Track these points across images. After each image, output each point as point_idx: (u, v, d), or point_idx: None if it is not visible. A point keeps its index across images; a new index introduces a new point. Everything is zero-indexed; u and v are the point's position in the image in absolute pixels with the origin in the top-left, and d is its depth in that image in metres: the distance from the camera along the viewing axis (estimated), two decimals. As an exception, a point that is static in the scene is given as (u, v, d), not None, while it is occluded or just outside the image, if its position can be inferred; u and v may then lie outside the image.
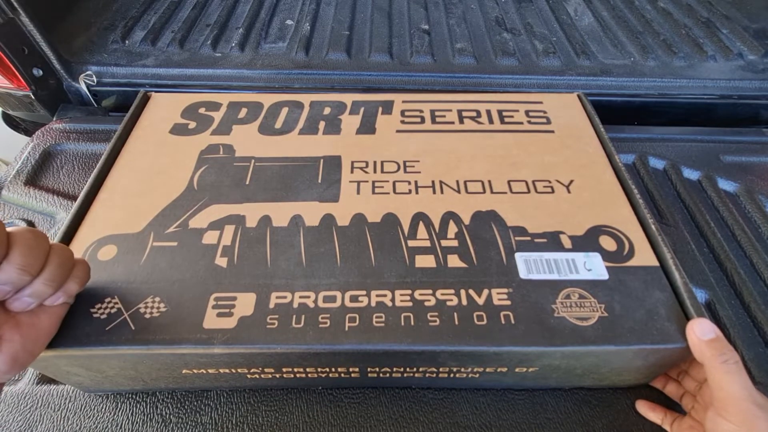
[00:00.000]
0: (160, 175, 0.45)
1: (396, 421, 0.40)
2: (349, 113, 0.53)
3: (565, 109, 0.53)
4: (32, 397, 0.40)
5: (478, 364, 0.36)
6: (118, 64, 0.69)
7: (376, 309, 0.35)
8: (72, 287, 0.30)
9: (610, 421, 0.40)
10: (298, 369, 0.36)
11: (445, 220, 0.41)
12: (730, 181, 0.59)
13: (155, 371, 0.36)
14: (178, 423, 0.39)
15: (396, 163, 0.46)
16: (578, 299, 0.35)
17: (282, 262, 0.37)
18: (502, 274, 0.37)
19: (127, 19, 0.77)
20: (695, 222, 0.55)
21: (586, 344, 0.33)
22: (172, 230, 0.40)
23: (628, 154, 0.62)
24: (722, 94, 0.71)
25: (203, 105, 0.53)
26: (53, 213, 0.55)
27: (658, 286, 0.36)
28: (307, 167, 0.46)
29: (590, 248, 0.39)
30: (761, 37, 0.78)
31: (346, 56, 0.73)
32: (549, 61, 0.74)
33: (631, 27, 0.82)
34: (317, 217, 0.41)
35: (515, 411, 0.40)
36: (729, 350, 0.31)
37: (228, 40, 0.75)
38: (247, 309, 0.34)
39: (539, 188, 0.44)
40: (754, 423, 0.29)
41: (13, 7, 0.61)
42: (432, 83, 0.71)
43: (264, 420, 0.39)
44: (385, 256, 0.38)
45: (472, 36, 0.79)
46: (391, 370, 0.37)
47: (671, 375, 0.40)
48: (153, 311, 0.34)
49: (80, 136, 0.62)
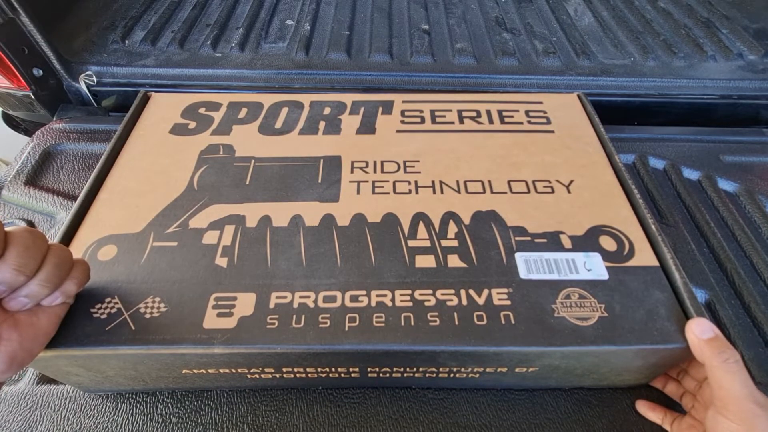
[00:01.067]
0: (160, 175, 0.45)
1: (396, 421, 0.40)
2: (349, 113, 0.53)
3: (565, 109, 0.53)
4: (32, 397, 0.40)
5: (478, 364, 0.36)
6: (118, 64, 0.69)
7: (376, 309, 0.35)
8: (70, 288, 0.29)
9: (610, 421, 0.40)
10: (298, 369, 0.36)
11: (445, 220, 0.41)
12: (730, 181, 0.59)
13: (155, 371, 0.36)
14: (178, 423, 0.39)
15: (396, 163, 0.46)
16: (578, 299, 0.35)
17: (282, 262, 0.37)
18: (502, 274, 0.37)
19: (127, 19, 0.77)
20: (695, 222, 0.55)
21: (586, 344, 0.33)
22: (172, 230, 0.40)
23: (628, 154, 0.62)
24: (722, 94, 0.71)
25: (203, 105, 0.53)
26: (53, 213, 0.55)
27: (658, 286, 0.36)
28: (307, 167, 0.46)
29: (590, 248, 0.39)
30: (761, 37, 0.78)
31: (346, 56, 0.73)
32: (549, 61, 0.74)
33: (631, 27, 0.82)
34: (317, 217, 0.41)
35: (515, 411, 0.40)
36: (729, 349, 0.31)
37: (228, 40, 0.75)
38: (247, 309, 0.34)
39: (539, 188, 0.44)
40: (754, 422, 0.29)
41: (13, 7, 0.61)
42: (432, 83, 0.71)
43: (264, 420, 0.39)
44: (385, 256, 0.38)
45: (472, 36, 0.79)
46: (391, 370, 0.37)
47: (671, 375, 0.40)
48: (153, 311, 0.34)
49: (80, 136, 0.62)
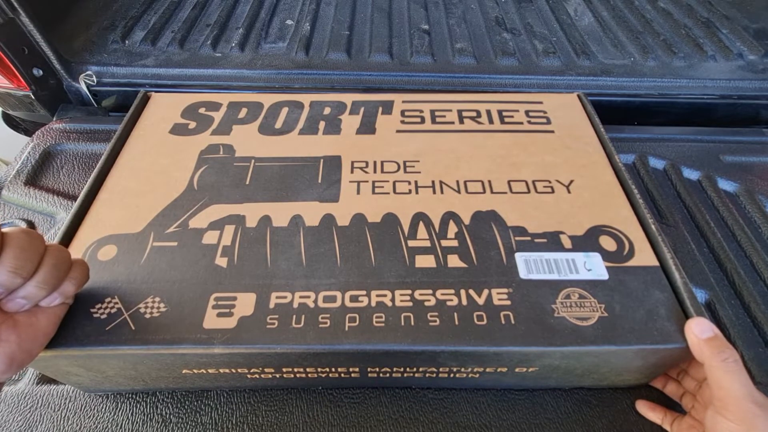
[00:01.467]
0: (160, 175, 0.45)
1: (396, 421, 0.40)
2: (349, 113, 0.53)
3: (565, 109, 0.53)
4: (32, 397, 0.40)
5: (478, 364, 0.36)
6: (118, 64, 0.69)
7: (376, 309, 0.35)
8: (69, 288, 0.29)
9: (610, 421, 0.40)
10: (298, 369, 0.36)
11: (445, 220, 0.41)
12: (730, 181, 0.59)
13: (155, 371, 0.36)
14: (178, 423, 0.39)
15: (396, 163, 0.46)
16: (578, 299, 0.35)
17: (282, 262, 0.37)
18: (502, 274, 0.37)
19: (127, 19, 0.77)
20: (695, 222, 0.55)
21: (586, 344, 0.33)
22: (172, 230, 0.40)
23: (628, 154, 0.62)
24: (722, 94, 0.71)
25: (203, 105, 0.53)
26: (53, 213, 0.55)
27: (658, 286, 0.36)
28: (307, 167, 0.46)
29: (590, 248, 0.39)
30: (761, 37, 0.78)
31: (346, 56, 0.73)
32: (549, 61, 0.74)
33: (631, 27, 0.82)
34: (317, 217, 0.41)
35: (515, 411, 0.40)
36: (728, 349, 0.31)
37: (228, 40, 0.75)
38: (247, 309, 0.34)
39: (539, 188, 0.44)
40: (753, 422, 0.29)
41: (13, 7, 0.61)
42: (432, 83, 0.71)
43: (264, 420, 0.39)
44: (385, 256, 0.38)
45: (472, 36, 0.79)
46: (391, 370, 0.37)
47: (671, 375, 0.40)
48: (153, 311, 0.34)
49: (80, 136, 0.62)
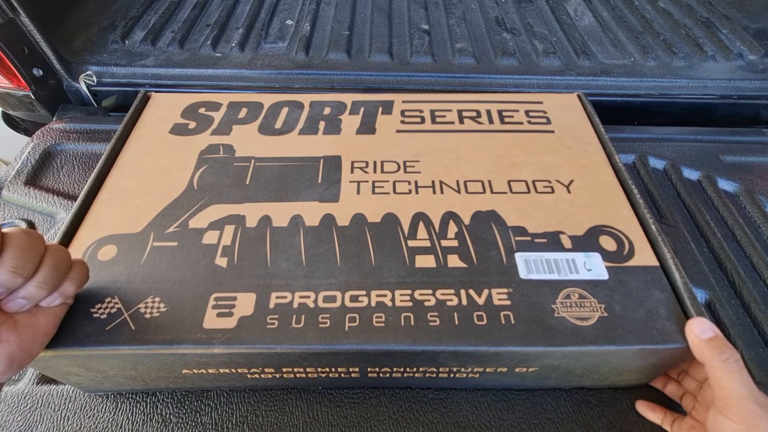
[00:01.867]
0: (160, 175, 0.45)
1: (396, 421, 0.40)
2: (349, 113, 0.53)
3: (565, 109, 0.53)
4: (32, 397, 0.40)
5: (478, 364, 0.36)
6: (118, 64, 0.69)
7: (376, 309, 0.35)
8: (69, 289, 0.29)
9: (610, 421, 0.40)
10: (298, 369, 0.36)
11: (445, 220, 0.41)
12: (730, 181, 0.59)
13: (155, 371, 0.36)
14: (178, 423, 0.39)
15: (396, 163, 0.46)
16: (578, 299, 0.35)
17: (282, 262, 0.37)
18: (502, 274, 0.37)
19: (127, 19, 0.77)
20: (695, 222, 0.55)
21: (586, 344, 0.33)
22: (172, 230, 0.40)
23: (628, 154, 0.62)
24: (722, 94, 0.71)
25: (203, 105, 0.53)
26: (53, 213, 0.55)
27: (658, 286, 0.36)
28: (307, 167, 0.46)
29: (590, 248, 0.39)
30: (761, 37, 0.78)
31: (346, 56, 0.73)
32: (549, 61, 0.74)
33: (631, 27, 0.82)
34: (317, 217, 0.41)
35: (515, 411, 0.40)
36: (729, 349, 0.31)
37: (228, 40, 0.75)
38: (247, 309, 0.34)
39: (539, 188, 0.44)
40: (755, 422, 0.29)
41: (13, 7, 0.61)
42: (432, 83, 0.71)
43: (264, 420, 0.39)
44: (385, 256, 0.38)
45: (472, 36, 0.79)
46: (391, 370, 0.37)
47: (671, 375, 0.40)
48: (153, 311, 0.34)
49: (80, 136, 0.62)
